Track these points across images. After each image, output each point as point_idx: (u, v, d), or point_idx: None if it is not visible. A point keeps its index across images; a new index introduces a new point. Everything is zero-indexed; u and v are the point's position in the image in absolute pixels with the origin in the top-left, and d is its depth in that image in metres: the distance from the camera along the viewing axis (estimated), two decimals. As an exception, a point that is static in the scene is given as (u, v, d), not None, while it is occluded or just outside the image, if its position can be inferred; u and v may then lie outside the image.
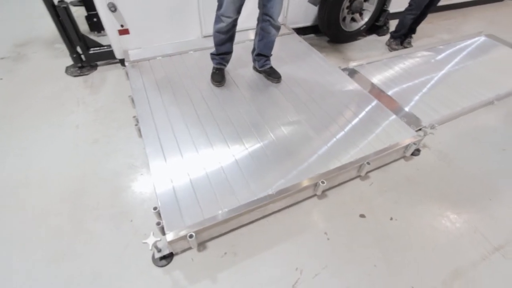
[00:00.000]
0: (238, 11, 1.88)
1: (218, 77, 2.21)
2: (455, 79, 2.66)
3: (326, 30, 3.08)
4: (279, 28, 2.07)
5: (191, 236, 1.30)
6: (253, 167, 1.64)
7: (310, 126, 1.93)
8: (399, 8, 3.16)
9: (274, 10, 1.92)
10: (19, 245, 1.45)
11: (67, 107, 2.25)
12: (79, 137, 2.01)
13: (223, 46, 2.11)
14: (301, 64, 2.53)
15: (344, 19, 3.01)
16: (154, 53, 2.49)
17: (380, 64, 2.80)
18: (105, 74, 2.61)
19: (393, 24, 3.22)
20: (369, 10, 3.12)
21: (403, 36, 3.12)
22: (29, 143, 1.96)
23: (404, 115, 2.14)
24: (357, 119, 2.02)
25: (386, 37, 3.32)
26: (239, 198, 1.48)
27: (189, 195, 1.48)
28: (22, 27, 3.30)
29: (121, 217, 1.58)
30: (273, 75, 2.29)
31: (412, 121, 2.07)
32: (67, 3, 2.27)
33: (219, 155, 1.70)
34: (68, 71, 2.61)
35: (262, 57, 2.27)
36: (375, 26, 3.34)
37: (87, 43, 2.53)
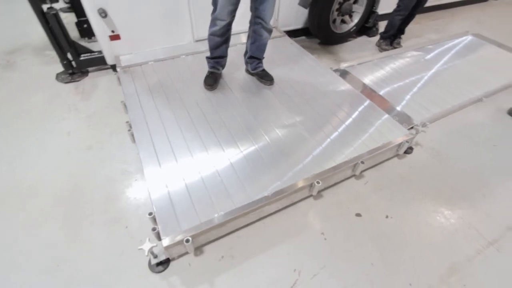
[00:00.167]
0: (232, 14, 1.89)
1: (211, 81, 2.21)
2: (444, 77, 2.71)
3: (316, 32, 3.11)
4: (271, 31, 2.09)
5: (187, 241, 1.29)
6: (248, 169, 1.64)
7: (304, 127, 1.94)
8: (387, 9, 3.22)
9: (266, 13, 1.94)
10: (12, 255, 1.42)
11: (58, 114, 2.22)
12: (71, 144, 1.98)
13: (218, 50, 2.12)
14: (293, 66, 2.54)
15: (334, 21, 3.04)
16: (146, 58, 2.48)
17: (371, 65, 2.83)
18: (97, 80, 2.59)
19: (382, 25, 3.27)
20: (358, 12, 3.16)
21: (392, 36, 3.18)
22: (20, 151, 1.92)
23: (396, 114, 2.16)
24: (350, 119, 2.03)
25: (376, 38, 3.37)
26: (235, 201, 1.47)
27: (185, 199, 1.47)
28: (10, 34, 3.26)
29: (115, 223, 1.55)
30: (265, 78, 2.30)
31: (404, 119, 2.10)
32: (56, 10, 2.25)
33: (213, 159, 1.69)
34: (58, 78, 2.58)
35: (254, 59, 2.28)
36: (365, 27, 3.38)
37: (77, 49, 2.51)
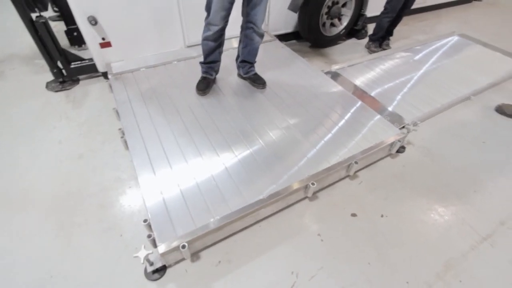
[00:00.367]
0: (225, 19, 1.90)
1: (203, 86, 2.21)
2: (433, 77, 2.76)
3: (307, 36, 3.15)
4: (262, 35, 2.10)
5: (183, 247, 1.28)
6: (243, 173, 1.64)
7: (297, 130, 1.95)
8: (375, 12, 3.27)
9: (258, 17, 1.96)
10: (5, 267, 1.38)
11: (49, 123, 2.19)
12: (62, 152, 1.96)
13: (212, 55, 2.13)
14: (285, 70, 2.57)
15: (324, 24, 3.09)
16: (138, 65, 2.48)
17: (361, 66, 2.87)
18: (88, 88, 2.57)
19: (370, 28, 3.33)
20: (347, 15, 3.22)
21: (381, 38, 3.23)
22: (11, 161, 1.89)
23: (387, 114, 2.19)
24: (343, 120, 2.05)
25: (365, 40, 3.42)
26: (230, 205, 1.47)
27: (180, 205, 1.46)
28: (-2, 44, 3.22)
29: (110, 232, 1.53)
30: (258, 81, 2.31)
31: (396, 119, 2.13)
32: (45, 18, 2.23)
33: (208, 163, 1.69)
34: (49, 86, 2.55)
35: (246, 64, 2.29)
36: (354, 30, 3.44)
37: (67, 57, 2.49)
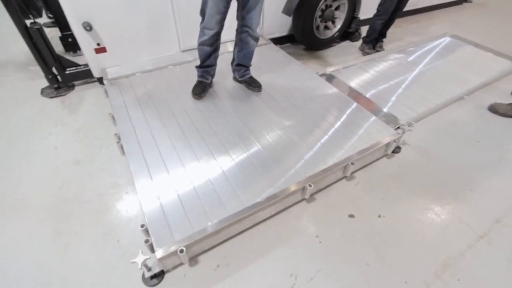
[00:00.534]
0: (220, 23, 1.91)
1: (198, 90, 2.21)
2: (426, 78, 2.80)
3: (301, 39, 3.17)
4: (257, 39, 2.12)
5: (181, 251, 1.27)
6: (241, 176, 1.64)
7: (294, 132, 1.96)
8: (368, 14, 3.31)
9: (253, 21, 1.97)
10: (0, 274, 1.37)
11: (45, 129, 2.17)
12: (58, 159, 1.94)
13: (208, 59, 2.14)
14: (280, 73, 2.58)
15: (318, 27, 3.12)
16: (133, 70, 2.47)
17: (355, 68, 2.90)
18: (83, 93, 2.56)
19: (364, 30, 3.36)
20: (340, 18, 3.25)
21: (374, 40, 3.26)
22: (6, 168, 1.87)
23: (382, 115, 2.21)
24: (338, 122, 2.07)
25: (359, 42, 3.46)
26: (228, 208, 1.47)
27: (177, 209, 1.45)
28: (-8, 51, 3.20)
29: (107, 238, 1.52)
30: (253, 85, 2.32)
31: (391, 120, 2.14)
32: (40, 24, 2.23)
33: (205, 167, 1.69)
34: (44, 92, 2.54)
35: (241, 67, 2.30)
36: (348, 32, 3.48)
37: (62, 63, 2.48)
